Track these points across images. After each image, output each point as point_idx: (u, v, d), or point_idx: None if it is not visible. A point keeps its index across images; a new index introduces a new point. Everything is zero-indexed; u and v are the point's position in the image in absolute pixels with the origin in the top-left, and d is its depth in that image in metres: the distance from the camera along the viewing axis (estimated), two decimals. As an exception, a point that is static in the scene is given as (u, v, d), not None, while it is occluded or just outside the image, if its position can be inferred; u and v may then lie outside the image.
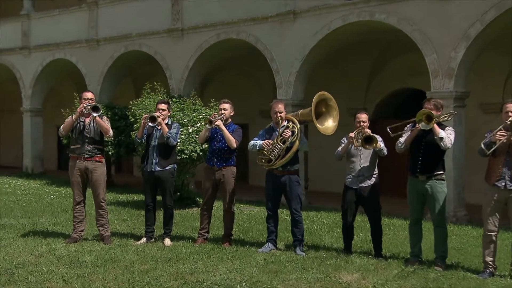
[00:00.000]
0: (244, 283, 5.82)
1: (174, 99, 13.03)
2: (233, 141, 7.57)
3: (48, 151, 21.86)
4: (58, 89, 21.51)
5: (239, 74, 17.61)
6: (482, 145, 6.27)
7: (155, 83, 12.96)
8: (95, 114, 7.60)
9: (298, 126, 7.38)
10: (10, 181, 17.83)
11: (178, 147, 11.07)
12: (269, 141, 7.36)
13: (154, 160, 7.76)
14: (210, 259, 6.92)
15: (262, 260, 6.86)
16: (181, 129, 11.55)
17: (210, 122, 7.49)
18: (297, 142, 7.26)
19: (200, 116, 11.65)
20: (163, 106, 7.89)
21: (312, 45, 12.91)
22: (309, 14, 12.99)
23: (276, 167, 7.36)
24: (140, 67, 17.62)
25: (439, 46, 11.16)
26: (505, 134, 6.12)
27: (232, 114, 7.93)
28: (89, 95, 7.98)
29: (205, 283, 5.81)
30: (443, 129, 6.62)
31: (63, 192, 14.63)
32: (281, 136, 7.29)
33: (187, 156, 11.11)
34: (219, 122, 7.52)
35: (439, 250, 6.84)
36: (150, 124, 7.68)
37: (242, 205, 12.74)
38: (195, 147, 11.13)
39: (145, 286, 5.71)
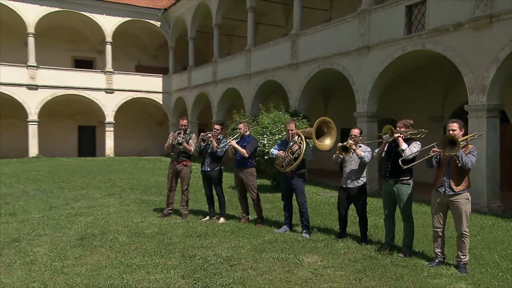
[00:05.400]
0: (219, 259, 5.27)
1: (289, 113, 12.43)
2: (244, 152, 7.09)
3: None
4: (238, 105, 22.03)
5: (339, 92, 16.55)
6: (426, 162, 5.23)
7: (261, 104, 12.67)
8: (179, 148, 7.63)
9: (304, 142, 6.56)
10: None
11: (266, 149, 10.75)
12: (282, 152, 6.71)
13: (206, 163, 7.54)
14: (230, 236, 6.43)
15: (263, 240, 6.20)
16: (269, 136, 11.20)
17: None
18: (301, 155, 6.50)
19: (282, 127, 11.13)
20: (217, 126, 7.55)
21: (380, 71, 11.62)
22: (378, 47, 11.67)
23: (286, 171, 6.70)
24: (275, 91, 17.48)
25: (474, 67, 9.27)
26: (437, 150, 4.95)
27: (246, 129, 7.37)
28: (184, 122, 7.81)
29: (196, 257, 5.35)
30: (409, 144, 5.50)
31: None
32: (290, 149, 6.62)
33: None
34: (231, 143, 7.15)
35: (406, 240, 5.68)
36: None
37: (326, 190, 11.87)
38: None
39: (153, 255, 5.38)
